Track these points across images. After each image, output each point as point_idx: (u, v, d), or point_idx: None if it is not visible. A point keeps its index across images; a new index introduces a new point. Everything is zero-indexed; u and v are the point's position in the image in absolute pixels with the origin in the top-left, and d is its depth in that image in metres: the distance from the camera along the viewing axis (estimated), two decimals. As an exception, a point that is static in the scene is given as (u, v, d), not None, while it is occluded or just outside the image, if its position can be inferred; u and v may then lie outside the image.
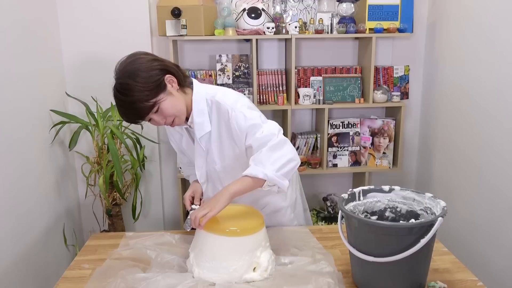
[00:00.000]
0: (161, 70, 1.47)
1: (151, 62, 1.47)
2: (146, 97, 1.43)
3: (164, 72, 1.48)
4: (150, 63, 1.46)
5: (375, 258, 1.23)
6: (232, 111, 1.52)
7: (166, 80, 1.48)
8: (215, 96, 1.56)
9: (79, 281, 1.42)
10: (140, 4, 2.72)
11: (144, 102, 1.44)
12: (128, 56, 1.50)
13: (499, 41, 2.19)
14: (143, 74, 1.43)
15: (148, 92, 1.43)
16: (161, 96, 1.46)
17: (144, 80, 1.43)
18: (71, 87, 2.76)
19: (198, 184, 1.75)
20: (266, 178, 1.41)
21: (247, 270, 1.39)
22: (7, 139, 2.06)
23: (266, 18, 2.76)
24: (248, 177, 1.42)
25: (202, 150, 1.63)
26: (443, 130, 2.77)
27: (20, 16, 2.21)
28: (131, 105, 1.45)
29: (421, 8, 2.91)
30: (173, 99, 1.49)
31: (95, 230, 2.89)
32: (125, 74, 1.45)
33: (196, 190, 1.75)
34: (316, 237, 1.67)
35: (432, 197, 1.37)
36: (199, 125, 1.58)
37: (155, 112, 1.47)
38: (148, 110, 1.46)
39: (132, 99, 1.43)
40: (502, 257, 2.19)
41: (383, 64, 2.99)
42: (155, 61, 1.48)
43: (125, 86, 1.44)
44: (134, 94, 1.43)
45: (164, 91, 1.47)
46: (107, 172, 2.48)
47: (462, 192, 2.54)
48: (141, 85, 1.42)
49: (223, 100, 1.55)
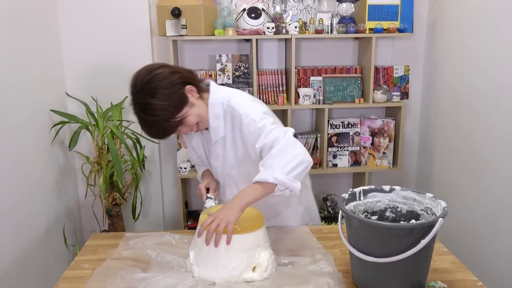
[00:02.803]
0: (181, 83, 1.45)
1: (170, 76, 1.44)
2: (172, 114, 1.43)
3: (184, 84, 1.46)
4: (169, 79, 1.43)
5: (375, 259, 1.23)
6: (245, 117, 1.50)
7: (187, 91, 1.47)
8: (230, 101, 1.54)
9: (79, 281, 1.42)
10: (140, 4, 2.72)
11: (170, 120, 1.43)
12: (145, 71, 1.44)
13: (499, 41, 2.19)
14: (165, 92, 1.41)
15: (172, 109, 1.42)
16: (185, 110, 1.46)
17: (166, 97, 1.41)
18: (71, 87, 2.76)
19: (211, 175, 1.76)
20: (277, 182, 1.38)
21: (246, 269, 1.39)
22: (7, 139, 2.06)
23: (266, 18, 2.76)
24: (259, 183, 1.40)
25: (217, 153, 1.64)
26: (443, 130, 2.77)
27: (21, 17, 2.21)
28: (158, 125, 1.44)
29: (421, 8, 2.91)
30: (196, 109, 1.49)
31: (95, 230, 2.89)
32: (146, 94, 1.41)
33: (210, 182, 1.72)
34: (316, 237, 1.67)
35: (433, 197, 1.37)
36: (215, 130, 1.57)
37: (180, 125, 1.48)
38: (174, 127, 1.46)
39: (158, 119, 1.42)
40: (502, 257, 2.19)
41: (383, 64, 2.99)
42: (174, 74, 1.45)
43: (148, 106, 1.41)
44: (158, 114, 1.41)
45: (187, 104, 1.47)
46: (107, 172, 2.48)
47: (462, 192, 2.54)
48: (165, 104, 1.40)
49: (238, 105, 1.53)
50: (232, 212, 1.35)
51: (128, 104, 2.84)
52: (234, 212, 1.35)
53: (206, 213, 1.49)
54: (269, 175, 1.38)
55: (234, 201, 1.40)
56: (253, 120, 1.48)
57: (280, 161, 1.40)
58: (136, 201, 2.76)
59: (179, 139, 2.89)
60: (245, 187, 1.44)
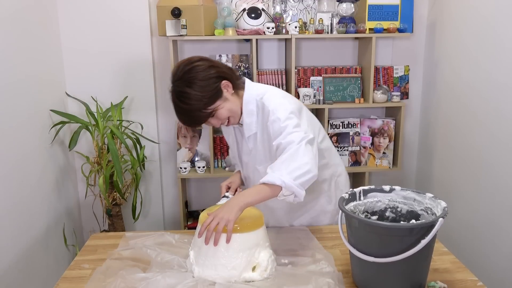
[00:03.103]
0: (217, 77, 1.52)
1: (208, 70, 1.51)
2: (204, 105, 1.50)
3: (220, 78, 1.53)
4: (207, 71, 1.50)
5: (375, 259, 1.23)
6: (272, 114, 1.54)
7: (222, 86, 1.53)
8: (263, 98, 1.59)
9: (79, 281, 1.42)
10: (140, 4, 2.72)
11: (202, 110, 1.50)
12: (186, 62, 1.53)
13: (499, 41, 2.19)
14: (201, 83, 1.48)
15: (206, 100, 1.49)
16: (218, 103, 1.52)
17: (201, 89, 1.48)
18: (71, 87, 2.76)
19: (238, 176, 1.81)
20: (284, 185, 1.38)
21: (246, 268, 1.38)
22: (7, 139, 2.06)
23: (266, 18, 2.76)
24: (265, 185, 1.41)
25: (249, 149, 1.68)
26: (443, 130, 2.77)
27: (21, 16, 2.21)
28: (190, 113, 1.51)
29: (421, 8, 2.91)
30: (228, 104, 1.55)
31: (95, 230, 2.89)
32: (183, 83, 1.49)
33: (234, 181, 1.79)
34: (316, 237, 1.67)
35: (433, 197, 1.37)
36: (248, 125, 1.62)
37: (212, 116, 1.54)
38: (206, 118, 1.53)
39: (190, 108, 1.49)
40: (502, 257, 2.19)
41: (383, 64, 2.99)
42: (211, 68, 1.52)
43: (184, 95, 1.48)
44: (192, 103, 1.48)
45: (221, 97, 1.53)
46: (107, 172, 2.48)
47: (462, 192, 2.54)
48: (199, 94, 1.47)
49: (268, 102, 1.57)
50: (232, 211, 1.35)
51: (128, 104, 2.86)
52: (234, 211, 1.35)
53: (206, 213, 1.49)
54: (276, 178, 1.39)
55: (235, 200, 1.40)
56: (278, 119, 1.52)
57: (289, 166, 1.41)
58: (136, 201, 2.76)
59: (179, 138, 2.89)
60: (250, 187, 1.47)
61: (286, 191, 1.41)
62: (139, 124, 2.83)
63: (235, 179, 1.80)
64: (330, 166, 1.79)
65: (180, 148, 2.90)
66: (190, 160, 2.91)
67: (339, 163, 1.85)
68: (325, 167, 1.75)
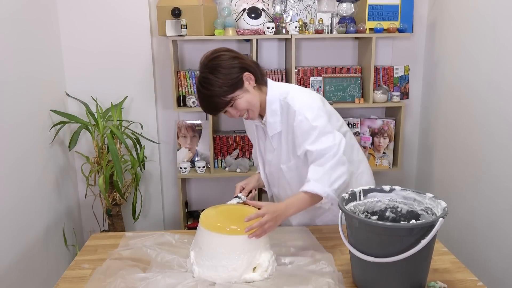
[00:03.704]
0: (240, 68, 1.56)
1: (232, 60, 1.56)
2: (224, 92, 1.53)
3: (243, 70, 1.57)
4: (231, 61, 1.55)
5: (375, 259, 1.23)
6: (299, 114, 1.56)
7: (244, 77, 1.57)
8: (286, 98, 1.61)
9: (79, 281, 1.42)
10: (140, 4, 2.72)
11: (222, 97, 1.54)
12: (213, 51, 1.59)
13: (499, 41, 2.18)
14: (224, 71, 1.53)
15: (226, 88, 1.53)
16: (237, 93, 1.55)
17: (223, 76, 1.52)
18: (71, 87, 2.76)
19: (255, 178, 1.84)
20: (328, 198, 1.50)
21: (247, 269, 1.39)
22: (7, 139, 2.06)
23: (266, 18, 2.76)
24: (307, 193, 1.49)
25: (272, 147, 1.70)
26: (443, 130, 2.77)
27: (20, 16, 2.21)
28: (210, 99, 1.55)
29: (421, 8, 2.91)
30: (248, 96, 1.58)
31: (95, 230, 2.89)
32: (208, 69, 1.54)
33: (249, 183, 1.81)
34: (316, 237, 1.67)
35: (433, 197, 1.37)
36: (271, 125, 1.65)
37: (231, 106, 1.57)
38: (224, 105, 1.56)
39: (211, 93, 1.53)
40: (502, 257, 2.19)
41: (383, 64, 2.99)
42: (236, 59, 1.57)
43: (206, 80, 1.53)
44: (213, 89, 1.52)
45: (241, 88, 1.56)
46: (107, 172, 2.48)
47: (462, 192, 2.54)
48: (221, 81, 1.52)
49: (293, 102, 1.59)
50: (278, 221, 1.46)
51: (128, 104, 2.86)
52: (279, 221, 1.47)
53: (204, 214, 1.50)
54: (320, 189, 1.48)
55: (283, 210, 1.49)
56: (305, 119, 1.55)
57: (331, 177, 1.50)
58: (136, 201, 2.76)
59: (179, 138, 2.89)
60: (295, 196, 1.53)
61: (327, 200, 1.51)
62: (139, 124, 2.83)
63: (251, 181, 1.82)
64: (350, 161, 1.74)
65: (180, 148, 2.90)
66: (190, 160, 2.91)
67: (361, 160, 1.84)
68: None
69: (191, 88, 2.80)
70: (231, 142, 2.91)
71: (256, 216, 1.42)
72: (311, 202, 1.53)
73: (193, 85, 2.80)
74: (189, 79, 2.78)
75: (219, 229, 1.40)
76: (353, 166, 1.76)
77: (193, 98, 2.74)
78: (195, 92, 2.79)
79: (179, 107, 2.75)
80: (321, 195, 1.49)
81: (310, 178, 1.51)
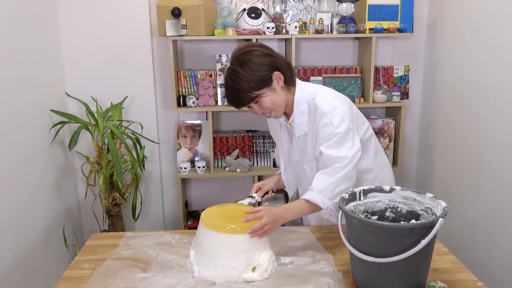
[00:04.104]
0: (271, 66, 1.55)
1: (264, 56, 1.54)
2: (251, 88, 1.53)
3: (274, 68, 1.55)
4: (262, 58, 1.54)
5: (375, 259, 1.23)
6: (325, 117, 1.55)
7: (274, 76, 1.55)
8: (315, 99, 1.60)
9: (79, 281, 1.42)
10: (140, 4, 2.72)
11: (248, 93, 1.53)
12: (247, 45, 1.59)
13: (499, 41, 2.18)
14: (253, 67, 1.52)
15: (254, 84, 1.52)
16: (264, 91, 1.55)
17: (252, 72, 1.52)
18: (71, 87, 2.76)
19: (274, 179, 1.83)
20: (327, 210, 1.51)
21: (246, 269, 1.39)
22: (7, 139, 2.06)
23: (266, 18, 2.76)
24: (307, 201, 1.50)
25: (299, 147, 1.69)
26: (443, 130, 2.77)
27: (20, 16, 2.21)
28: (236, 92, 1.54)
29: (421, 8, 2.91)
30: (275, 95, 1.57)
31: (95, 230, 2.89)
32: (238, 62, 1.54)
33: (267, 184, 1.81)
34: (316, 237, 1.67)
35: (433, 197, 1.37)
36: (298, 125, 1.64)
37: (255, 103, 1.56)
38: (249, 101, 1.56)
39: (238, 87, 1.53)
40: (502, 257, 2.19)
41: (383, 64, 2.99)
42: (268, 56, 1.55)
43: (235, 73, 1.53)
44: (240, 83, 1.52)
45: (269, 86, 1.55)
46: (107, 172, 2.48)
47: (462, 192, 2.54)
48: (249, 76, 1.51)
49: (321, 104, 1.58)
50: (276, 224, 1.47)
51: (128, 104, 2.87)
52: (277, 224, 1.47)
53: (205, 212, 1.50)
54: (320, 200, 1.50)
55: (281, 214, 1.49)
56: (331, 123, 1.53)
57: (334, 190, 1.51)
58: (136, 201, 2.76)
59: (179, 138, 2.89)
60: (296, 202, 1.56)
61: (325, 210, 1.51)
62: (139, 124, 2.83)
63: (269, 182, 1.81)
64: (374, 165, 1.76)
65: (180, 148, 2.90)
66: (190, 160, 2.91)
67: (385, 163, 1.82)
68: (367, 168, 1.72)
69: (191, 88, 2.80)
70: (231, 142, 2.91)
71: (255, 218, 1.43)
72: (310, 210, 1.54)
73: (193, 85, 2.80)
74: (189, 79, 2.78)
75: (219, 228, 1.41)
76: (377, 169, 1.76)
77: (193, 98, 2.74)
78: (195, 92, 2.80)
79: (179, 107, 2.75)
80: (320, 206, 1.50)
81: (313, 187, 1.52)
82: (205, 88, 2.77)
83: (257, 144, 2.94)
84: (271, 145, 2.94)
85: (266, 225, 1.42)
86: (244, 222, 1.41)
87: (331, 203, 1.50)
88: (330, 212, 1.52)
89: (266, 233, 1.44)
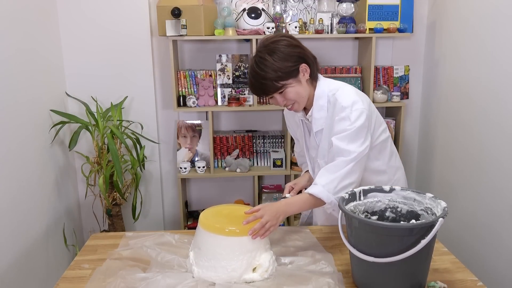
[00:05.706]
0: (299, 57, 1.54)
1: (293, 47, 1.53)
2: (278, 78, 1.51)
3: (302, 60, 1.55)
4: (291, 48, 1.53)
5: (375, 259, 1.23)
6: (344, 111, 1.54)
7: (301, 68, 1.54)
8: (335, 93, 1.59)
9: (79, 281, 1.42)
10: (140, 4, 2.72)
11: (274, 82, 1.51)
12: (276, 35, 1.58)
13: (499, 41, 2.18)
14: (282, 56, 1.50)
15: (281, 73, 1.51)
16: (290, 81, 1.53)
17: (280, 60, 1.50)
18: (71, 87, 2.76)
19: (305, 177, 1.83)
20: (330, 205, 1.50)
21: (246, 270, 1.38)
22: (7, 139, 2.06)
23: (266, 18, 2.76)
24: (311, 196, 1.50)
25: (316, 143, 1.68)
26: (443, 130, 2.77)
27: (21, 17, 2.21)
28: (262, 80, 1.52)
29: (421, 8, 2.91)
30: (299, 87, 1.56)
31: (95, 230, 2.89)
32: (267, 50, 1.51)
33: (299, 183, 1.81)
34: (316, 237, 1.67)
35: (433, 197, 1.37)
36: (317, 120, 1.63)
37: (280, 93, 1.55)
38: (274, 90, 1.54)
39: (264, 75, 1.51)
40: (502, 257, 2.19)
41: (383, 64, 2.99)
42: (297, 48, 1.55)
43: (262, 61, 1.51)
44: (267, 71, 1.50)
45: (295, 77, 1.54)
46: (107, 172, 2.48)
47: (462, 192, 2.53)
48: (277, 65, 1.50)
49: (342, 98, 1.57)
50: (278, 219, 1.46)
51: (128, 104, 2.87)
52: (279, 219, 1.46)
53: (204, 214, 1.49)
54: (325, 195, 1.49)
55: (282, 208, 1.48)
56: (348, 118, 1.53)
57: (338, 185, 1.50)
58: (136, 201, 2.76)
59: (179, 138, 2.89)
60: (299, 196, 1.56)
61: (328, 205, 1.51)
62: (139, 124, 2.83)
63: (300, 181, 1.82)
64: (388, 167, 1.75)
65: (180, 148, 2.90)
66: (190, 160, 2.91)
67: (399, 167, 1.81)
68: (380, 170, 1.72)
69: (191, 88, 2.80)
70: (231, 142, 2.91)
71: (254, 219, 1.42)
72: (314, 205, 1.53)
73: (193, 85, 2.80)
74: (189, 79, 2.78)
75: (218, 230, 1.40)
76: (391, 171, 1.75)
77: (193, 98, 2.74)
78: (195, 92, 2.79)
79: (179, 107, 2.75)
80: (324, 200, 1.49)
81: (317, 182, 1.51)
82: (205, 88, 2.78)
83: (257, 144, 2.94)
84: (271, 145, 2.94)
85: (267, 223, 1.41)
86: (244, 224, 1.41)
87: (335, 197, 1.49)
88: (333, 207, 1.52)
89: (269, 231, 1.43)
